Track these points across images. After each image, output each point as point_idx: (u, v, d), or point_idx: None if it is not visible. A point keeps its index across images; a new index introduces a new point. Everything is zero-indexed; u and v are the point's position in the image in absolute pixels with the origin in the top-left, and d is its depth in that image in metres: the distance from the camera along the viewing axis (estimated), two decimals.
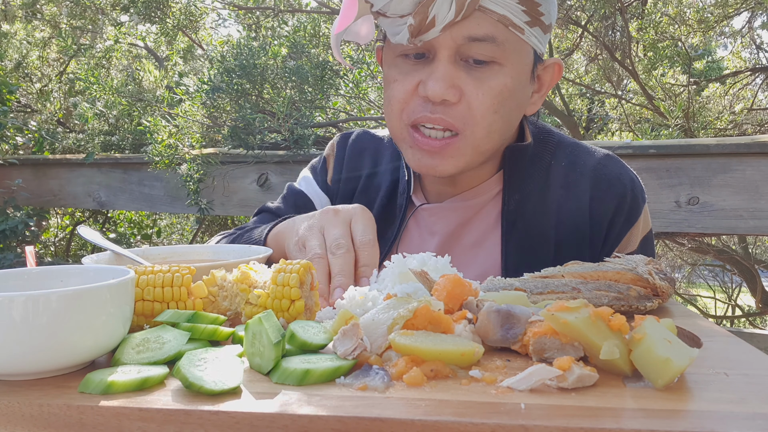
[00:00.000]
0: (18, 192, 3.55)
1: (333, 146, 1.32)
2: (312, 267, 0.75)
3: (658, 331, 0.54)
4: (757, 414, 0.46)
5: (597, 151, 1.16)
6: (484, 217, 1.14)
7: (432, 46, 0.97)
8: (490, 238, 1.13)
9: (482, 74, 0.97)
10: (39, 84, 5.07)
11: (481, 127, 0.99)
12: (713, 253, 4.32)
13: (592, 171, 1.11)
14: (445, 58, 0.96)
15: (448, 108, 0.98)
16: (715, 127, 4.03)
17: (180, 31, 4.36)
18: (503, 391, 0.51)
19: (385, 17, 0.96)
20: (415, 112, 1.00)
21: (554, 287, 0.77)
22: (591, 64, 4.75)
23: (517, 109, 1.04)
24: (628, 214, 1.10)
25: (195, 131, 3.14)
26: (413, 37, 0.94)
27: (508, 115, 1.01)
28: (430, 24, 0.92)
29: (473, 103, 0.97)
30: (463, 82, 0.97)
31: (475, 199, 1.14)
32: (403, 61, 1.01)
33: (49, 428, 0.50)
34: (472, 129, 0.99)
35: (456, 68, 0.96)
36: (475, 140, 1.00)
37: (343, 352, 0.57)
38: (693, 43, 4.15)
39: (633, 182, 1.12)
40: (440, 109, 0.98)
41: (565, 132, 4.57)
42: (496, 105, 0.98)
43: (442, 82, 0.95)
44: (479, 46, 0.94)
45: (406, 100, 1.01)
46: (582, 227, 1.09)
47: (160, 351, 0.59)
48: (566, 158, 1.14)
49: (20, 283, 0.66)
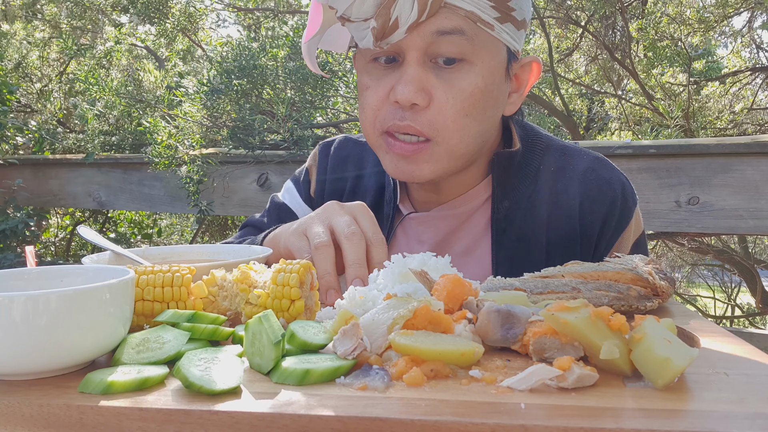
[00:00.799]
0: (18, 192, 3.55)
1: (315, 156, 1.29)
2: (312, 267, 0.75)
3: (658, 331, 0.54)
4: (757, 414, 0.46)
5: (586, 154, 1.14)
6: (473, 225, 1.12)
7: (400, 49, 0.94)
8: (480, 246, 1.11)
9: (452, 75, 0.94)
10: (39, 84, 5.07)
11: (452, 131, 0.96)
12: (713, 253, 4.32)
13: (582, 176, 1.09)
14: (414, 61, 0.94)
15: (417, 114, 0.95)
16: (714, 127, 4.04)
17: (180, 32, 4.36)
18: (503, 390, 0.51)
19: (350, 22, 0.94)
20: (386, 120, 0.98)
21: (554, 287, 0.77)
22: (591, 64, 4.75)
23: (493, 110, 1.01)
24: (618, 220, 1.08)
25: (195, 132, 3.14)
26: (378, 41, 0.92)
27: (482, 117, 0.98)
28: (393, 26, 0.90)
29: (443, 107, 0.94)
30: (432, 85, 0.94)
31: (463, 207, 1.12)
32: (375, 67, 0.99)
33: (49, 428, 0.50)
34: (443, 134, 0.96)
35: (425, 71, 0.94)
36: (449, 146, 0.97)
37: (343, 352, 0.57)
38: (693, 42, 4.15)
39: (623, 186, 1.10)
40: (409, 115, 0.95)
41: (565, 132, 4.57)
42: (468, 108, 0.95)
43: (411, 86, 0.93)
44: (448, 40, 0.92)
45: (378, 107, 0.99)
46: (572, 233, 1.07)
47: (160, 351, 0.59)
48: (555, 163, 1.12)
49: (20, 283, 0.66)
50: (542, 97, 4.42)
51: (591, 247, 1.08)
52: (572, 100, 5.19)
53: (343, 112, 3.63)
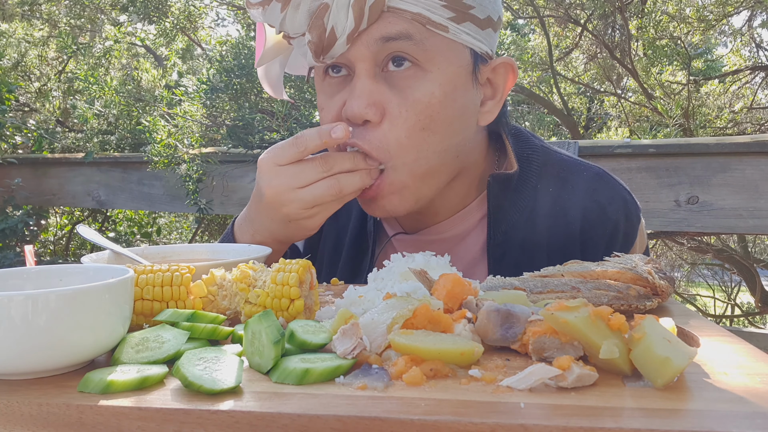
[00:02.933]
0: (17, 191, 3.55)
1: None
2: (311, 266, 0.75)
3: (657, 331, 0.54)
4: (756, 413, 0.46)
5: (586, 170, 1.04)
6: (467, 249, 1.03)
7: (349, 61, 0.86)
8: (476, 273, 1.02)
9: (406, 84, 0.86)
10: (38, 83, 5.06)
11: (407, 148, 0.87)
12: (713, 252, 4.32)
13: (582, 197, 1.01)
14: (364, 73, 0.85)
15: (368, 131, 0.87)
16: (714, 126, 4.04)
17: (179, 30, 4.35)
18: (503, 390, 0.51)
19: (292, 39, 0.87)
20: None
21: (554, 286, 0.77)
22: (590, 62, 4.75)
23: (461, 122, 0.91)
24: (623, 242, 1.01)
25: (194, 131, 3.13)
26: (318, 56, 0.85)
27: (445, 131, 0.88)
28: (331, 37, 0.82)
29: (396, 122, 0.86)
30: (385, 99, 0.86)
31: (453, 229, 1.03)
32: (328, 83, 0.92)
33: (48, 427, 0.50)
34: (397, 154, 0.87)
35: (377, 83, 0.86)
36: (406, 166, 0.88)
37: (343, 352, 0.57)
38: (692, 41, 4.15)
39: (626, 204, 1.01)
40: (359, 132, 0.87)
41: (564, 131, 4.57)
42: (424, 120, 0.86)
43: (362, 100, 0.85)
44: (395, 45, 0.83)
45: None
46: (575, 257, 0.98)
47: (159, 350, 0.59)
48: (553, 182, 1.02)
49: (19, 282, 0.66)
50: (541, 96, 4.42)
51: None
52: (571, 98, 5.19)
53: None
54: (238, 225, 1.05)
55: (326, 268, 1.14)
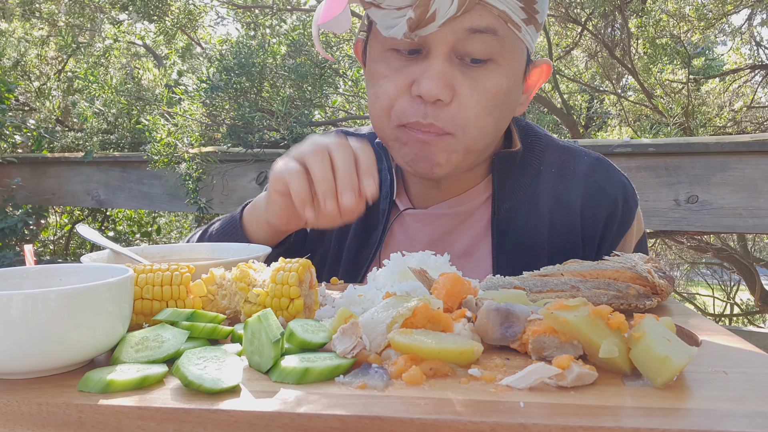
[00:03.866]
0: (17, 190, 3.55)
1: None
2: (311, 266, 0.75)
3: (657, 330, 0.54)
4: (756, 412, 0.46)
5: (586, 155, 1.12)
6: (473, 225, 1.09)
7: (427, 42, 0.91)
8: (480, 248, 1.08)
9: (478, 74, 0.92)
10: (37, 82, 5.06)
11: (473, 129, 0.94)
12: (712, 251, 4.32)
13: (583, 178, 1.08)
14: (441, 56, 0.91)
15: (439, 110, 0.92)
16: (714, 125, 4.03)
17: (179, 29, 4.35)
18: (502, 389, 0.51)
19: (379, 8, 0.90)
20: (405, 115, 0.94)
21: (553, 286, 0.77)
22: (590, 61, 4.75)
23: (509, 111, 1.00)
24: (620, 222, 1.07)
25: (194, 130, 3.13)
26: (411, 32, 0.88)
27: (500, 118, 0.97)
28: (430, 18, 0.87)
29: (467, 105, 0.92)
30: (457, 81, 0.92)
31: (462, 206, 1.10)
32: (394, 56, 0.95)
33: (48, 427, 0.50)
34: (463, 131, 0.94)
35: (451, 67, 0.92)
36: (467, 142, 0.95)
37: (342, 351, 0.57)
38: (692, 40, 4.15)
39: (624, 187, 1.09)
40: (432, 112, 0.92)
41: (564, 130, 4.57)
42: (491, 107, 0.94)
43: (438, 81, 0.90)
44: (480, 39, 0.90)
45: (395, 97, 0.95)
46: (574, 236, 1.06)
47: (159, 350, 0.59)
48: (555, 164, 1.10)
49: (19, 281, 0.66)
50: (542, 95, 4.42)
51: (593, 251, 1.06)
52: (572, 97, 5.19)
53: (342, 110, 3.62)
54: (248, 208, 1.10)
55: (334, 245, 1.17)
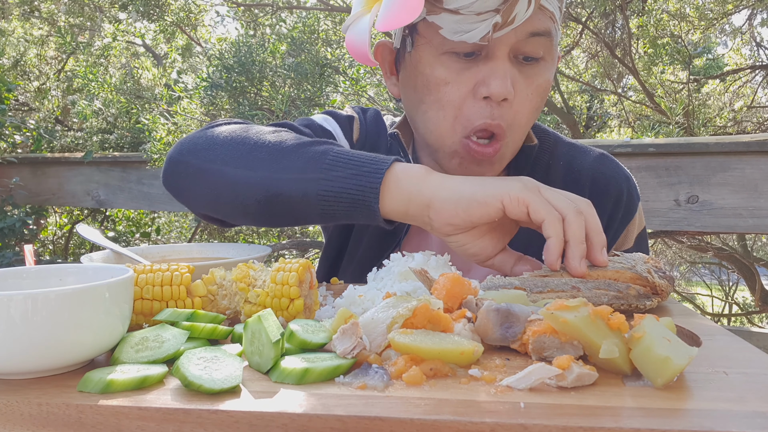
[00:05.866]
0: (16, 190, 3.55)
1: (355, 111, 1.19)
2: (311, 266, 0.75)
3: (657, 330, 0.54)
4: (756, 413, 0.46)
5: (592, 150, 1.17)
6: None
7: (489, 44, 0.92)
8: None
9: (532, 71, 0.95)
10: (37, 82, 5.06)
11: (522, 126, 0.97)
12: (712, 251, 4.32)
13: (589, 171, 1.13)
14: (504, 56, 0.92)
15: (503, 109, 0.94)
16: (715, 125, 4.03)
17: (178, 28, 4.35)
18: (502, 390, 0.51)
19: (455, 14, 0.89)
20: (472, 119, 0.94)
21: (554, 286, 0.77)
22: (591, 61, 4.75)
23: None
24: (625, 211, 1.11)
25: (194, 128, 3.13)
26: (491, 34, 0.89)
27: (539, 112, 1.01)
28: (510, 22, 0.89)
29: (523, 102, 0.95)
30: (517, 80, 0.94)
31: None
32: (452, 60, 0.94)
33: (47, 427, 0.50)
34: (514, 130, 0.97)
35: (512, 67, 0.94)
36: (513, 142, 0.98)
37: (343, 351, 0.57)
38: (693, 40, 4.15)
39: (628, 180, 1.14)
40: (498, 112, 0.94)
41: (565, 130, 4.57)
42: (539, 103, 0.98)
43: (506, 81, 0.91)
44: (537, 41, 0.92)
45: (461, 103, 0.94)
46: None
47: (159, 350, 0.59)
48: (563, 158, 1.15)
49: (19, 281, 0.66)
50: None
51: None
52: (572, 97, 5.19)
53: (342, 109, 3.62)
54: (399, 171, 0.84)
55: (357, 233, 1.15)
